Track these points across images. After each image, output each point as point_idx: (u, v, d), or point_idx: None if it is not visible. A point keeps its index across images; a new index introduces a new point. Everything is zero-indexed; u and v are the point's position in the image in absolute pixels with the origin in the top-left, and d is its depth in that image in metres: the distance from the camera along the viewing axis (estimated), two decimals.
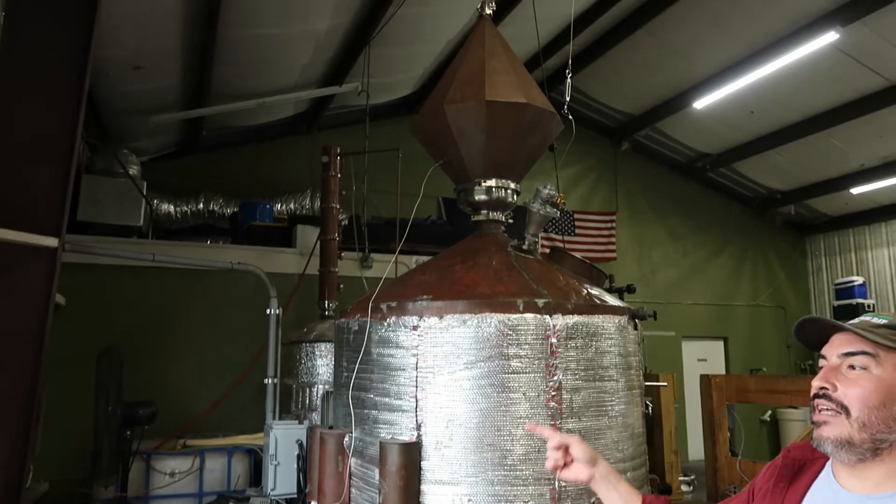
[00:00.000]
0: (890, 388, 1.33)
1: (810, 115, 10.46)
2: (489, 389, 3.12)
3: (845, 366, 1.38)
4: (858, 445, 1.31)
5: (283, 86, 8.84)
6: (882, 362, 1.35)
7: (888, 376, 1.33)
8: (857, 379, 1.35)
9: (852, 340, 1.39)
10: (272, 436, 4.42)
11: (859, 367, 1.36)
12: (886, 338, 1.36)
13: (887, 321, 1.41)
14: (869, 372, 1.35)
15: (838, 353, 1.41)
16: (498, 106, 3.76)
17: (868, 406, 1.32)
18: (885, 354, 1.35)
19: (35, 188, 3.92)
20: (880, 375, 1.34)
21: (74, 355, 6.95)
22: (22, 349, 3.77)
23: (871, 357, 1.35)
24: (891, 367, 1.34)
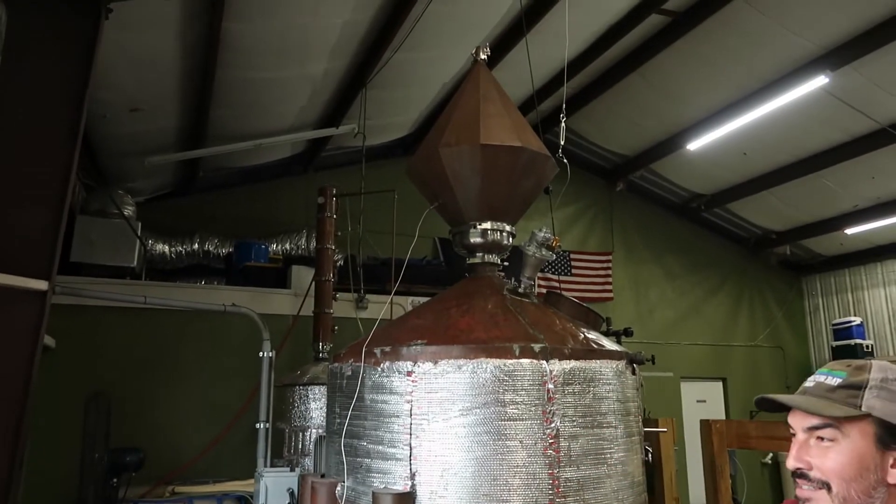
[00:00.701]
0: (862, 456, 1.30)
1: (803, 156, 10.57)
2: (485, 437, 3.05)
3: (813, 439, 1.35)
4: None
5: (280, 128, 8.91)
6: (847, 431, 1.31)
7: (857, 444, 1.30)
8: (828, 452, 1.32)
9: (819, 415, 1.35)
10: (262, 484, 4.30)
11: (828, 440, 1.33)
12: (844, 402, 1.33)
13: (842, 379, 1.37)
14: (838, 443, 1.31)
15: (803, 427, 1.38)
16: (493, 149, 3.77)
17: (845, 480, 1.29)
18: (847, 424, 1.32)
19: (26, 231, 3.89)
20: (849, 446, 1.31)
21: (62, 398, 6.82)
22: (7, 394, 3.69)
23: (836, 428, 1.32)
24: (857, 433, 1.31)
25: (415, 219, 3.90)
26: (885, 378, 1.36)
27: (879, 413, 1.31)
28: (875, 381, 1.35)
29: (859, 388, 1.35)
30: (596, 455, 3.13)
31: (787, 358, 13.72)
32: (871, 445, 1.31)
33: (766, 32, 8.25)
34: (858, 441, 1.31)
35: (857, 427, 1.32)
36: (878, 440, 1.31)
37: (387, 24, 7.08)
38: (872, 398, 1.33)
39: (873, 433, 1.31)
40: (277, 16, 6.35)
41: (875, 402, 1.32)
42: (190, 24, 6.09)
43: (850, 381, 1.37)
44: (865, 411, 1.31)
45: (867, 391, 1.34)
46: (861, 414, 1.31)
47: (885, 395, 1.33)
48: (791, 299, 14.24)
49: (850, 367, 1.41)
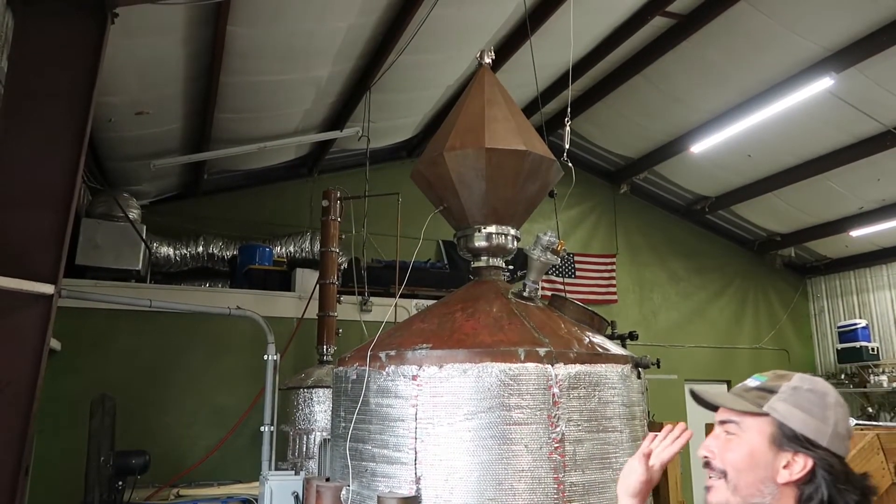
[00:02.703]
0: (754, 452, 1.41)
1: (807, 158, 10.54)
2: (490, 441, 3.05)
3: (723, 432, 1.48)
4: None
5: (285, 130, 8.92)
6: (745, 428, 1.44)
7: (753, 440, 1.42)
8: (729, 443, 1.45)
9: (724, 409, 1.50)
10: (267, 487, 4.31)
11: (731, 433, 1.46)
12: (752, 401, 1.45)
13: (761, 382, 1.49)
14: (738, 437, 1.44)
15: (717, 419, 1.52)
16: (498, 153, 3.78)
17: (737, 470, 1.42)
18: (748, 420, 1.44)
19: (33, 234, 3.91)
20: (746, 440, 1.43)
21: (67, 401, 6.85)
22: (13, 398, 3.70)
23: (738, 423, 1.45)
24: (754, 431, 1.43)
25: (419, 222, 3.91)
26: (797, 387, 1.46)
27: (779, 416, 1.42)
28: (787, 388, 1.46)
29: (771, 392, 1.46)
30: (601, 459, 3.12)
31: (792, 360, 13.67)
32: (765, 444, 1.41)
33: (771, 35, 8.24)
34: (755, 437, 1.42)
35: (757, 425, 1.43)
36: (773, 440, 1.41)
37: (391, 28, 7.09)
38: (778, 401, 1.44)
39: (769, 433, 1.42)
40: (282, 20, 6.36)
41: (779, 405, 1.43)
42: (195, 29, 6.11)
43: (766, 385, 1.49)
44: (765, 411, 1.43)
45: (776, 395, 1.45)
46: (760, 412, 1.43)
47: (790, 401, 1.43)
48: (796, 302, 14.19)
49: (774, 374, 1.52)
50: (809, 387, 1.47)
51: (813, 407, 1.43)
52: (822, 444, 1.40)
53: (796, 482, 1.39)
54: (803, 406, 1.43)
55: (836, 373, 13.36)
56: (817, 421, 1.42)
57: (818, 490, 1.37)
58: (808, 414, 1.42)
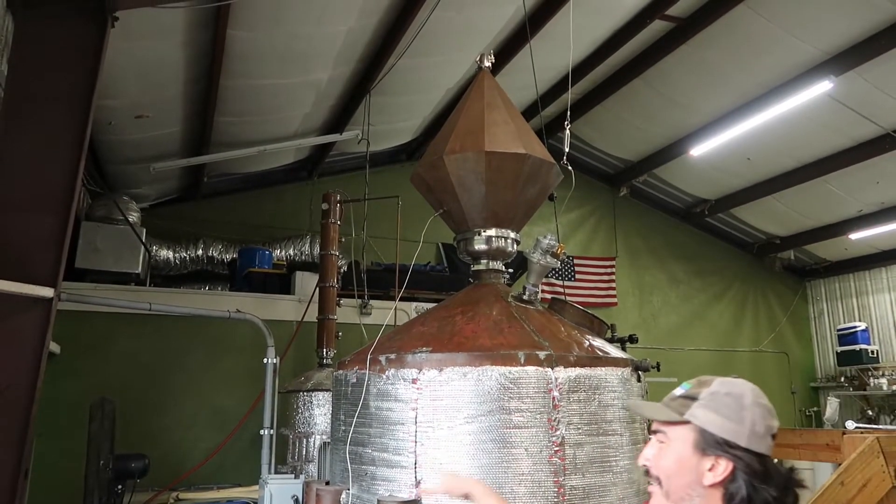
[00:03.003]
0: (681, 457, 1.49)
1: (807, 161, 10.55)
2: (490, 445, 3.04)
3: (657, 441, 1.56)
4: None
5: (284, 134, 8.93)
6: (672, 436, 1.52)
7: (678, 447, 1.50)
8: (661, 451, 1.53)
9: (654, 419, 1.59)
10: (267, 491, 4.30)
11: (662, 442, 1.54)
12: (676, 410, 1.53)
13: (685, 391, 1.56)
14: (667, 444, 1.52)
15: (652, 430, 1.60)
16: (497, 156, 3.78)
17: (668, 476, 1.50)
18: (673, 429, 1.52)
19: (33, 238, 3.90)
20: (673, 447, 1.51)
21: (67, 404, 6.84)
22: (13, 402, 3.70)
23: (665, 434, 1.53)
24: (679, 439, 1.51)
25: (419, 225, 3.91)
26: (715, 392, 1.53)
27: (700, 422, 1.49)
28: (706, 394, 1.53)
29: (693, 399, 1.53)
30: (601, 463, 3.12)
31: (792, 363, 13.67)
32: (689, 450, 1.49)
33: (770, 38, 8.25)
34: (679, 444, 1.50)
35: (681, 432, 1.51)
36: (696, 445, 1.48)
37: (391, 31, 7.10)
38: (698, 408, 1.50)
39: (693, 439, 1.49)
40: (282, 24, 6.37)
41: (699, 411, 1.50)
42: (195, 32, 6.12)
43: (689, 392, 1.55)
44: (687, 418, 1.50)
45: (697, 402, 1.52)
46: (682, 420, 1.50)
47: (709, 407, 1.50)
48: (795, 305, 14.19)
49: (698, 381, 1.59)
50: (727, 391, 1.54)
51: (730, 410, 1.50)
52: (741, 444, 1.47)
53: (722, 482, 1.46)
54: (721, 410, 1.50)
55: (835, 376, 13.36)
56: (734, 423, 1.48)
57: (739, 489, 1.45)
58: (725, 418, 1.49)
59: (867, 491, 2.29)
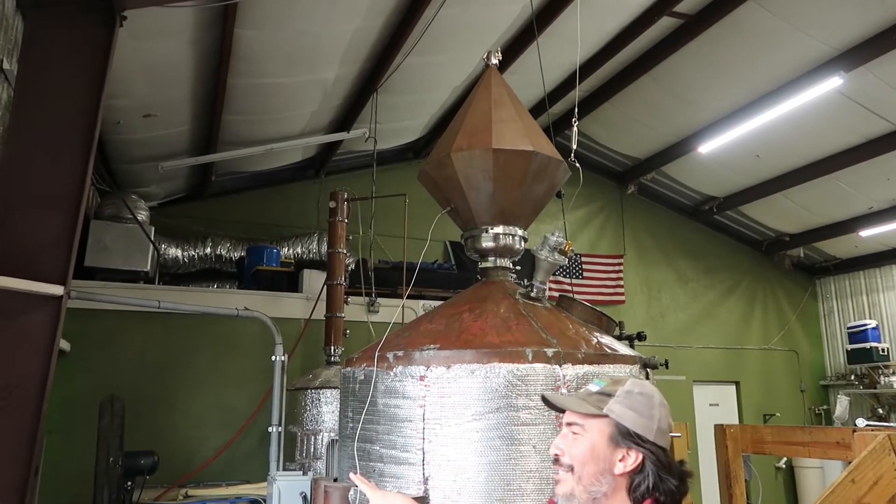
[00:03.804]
0: (595, 447, 1.64)
1: (816, 158, 10.48)
2: (498, 442, 3.05)
3: (570, 432, 1.70)
4: (578, 497, 1.63)
5: (292, 132, 8.95)
6: (588, 428, 1.66)
7: (594, 438, 1.65)
8: (575, 441, 1.67)
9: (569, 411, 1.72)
10: (276, 488, 4.31)
11: (576, 434, 1.68)
12: (594, 404, 1.67)
13: (601, 388, 1.73)
14: (582, 436, 1.66)
15: (564, 421, 1.74)
16: (505, 154, 3.77)
17: (581, 463, 1.63)
18: (591, 421, 1.66)
19: (42, 236, 3.92)
20: (589, 438, 1.65)
21: (77, 402, 6.88)
22: (23, 399, 3.72)
23: (581, 426, 1.67)
24: (596, 431, 1.65)
25: (426, 223, 3.91)
26: (629, 391, 1.70)
27: (616, 416, 1.65)
28: (622, 392, 1.69)
29: (609, 396, 1.69)
30: None
31: (802, 361, 13.60)
32: (604, 441, 1.64)
33: (779, 34, 8.20)
34: (596, 436, 1.65)
35: (597, 425, 1.66)
36: (611, 438, 1.64)
37: (398, 29, 7.09)
38: (615, 404, 1.66)
39: (608, 432, 1.64)
40: (289, 23, 6.38)
41: (616, 406, 1.66)
42: (203, 32, 6.14)
43: (605, 389, 1.72)
44: (605, 412, 1.65)
45: (613, 398, 1.68)
46: (600, 413, 1.66)
47: (625, 403, 1.66)
48: (805, 302, 14.11)
49: (611, 380, 1.77)
50: (640, 390, 1.71)
51: (642, 408, 1.67)
52: (649, 438, 1.64)
53: (629, 473, 1.62)
54: (635, 407, 1.66)
55: (845, 374, 13.28)
56: (646, 419, 1.66)
57: (646, 478, 1.60)
58: (638, 414, 1.65)
59: (878, 488, 2.28)
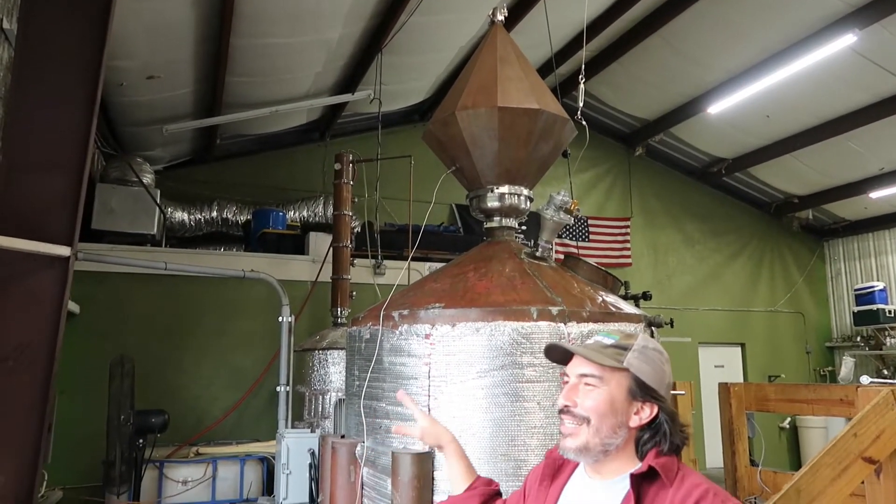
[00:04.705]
0: (614, 400, 1.64)
1: (828, 118, 10.33)
2: (503, 399, 3.07)
3: (582, 383, 1.68)
4: (592, 450, 1.64)
5: (296, 94, 8.87)
6: (608, 379, 1.66)
7: (613, 390, 1.65)
8: (590, 393, 1.66)
9: (585, 363, 1.70)
10: (284, 444, 4.38)
11: (592, 385, 1.66)
12: (612, 357, 1.67)
13: (614, 341, 1.73)
14: (599, 388, 1.65)
15: (576, 373, 1.71)
16: (510, 112, 3.73)
17: (600, 416, 1.63)
18: (610, 373, 1.66)
19: (47, 197, 3.93)
20: (607, 390, 1.65)
21: (88, 363, 6.98)
22: (35, 358, 3.77)
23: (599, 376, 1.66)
24: (615, 382, 1.66)
25: (432, 186, 3.89)
26: (644, 346, 1.72)
27: (635, 370, 1.66)
28: (638, 346, 1.71)
29: (625, 349, 1.70)
30: None
31: (808, 323, 13.62)
32: (623, 394, 1.65)
33: None
34: (614, 388, 1.65)
35: (616, 378, 1.66)
36: (629, 391, 1.65)
37: None
38: (633, 357, 1.68)
39: (627, 385, 1.66)
40: None
41: (634, 360, 1.67)
42: None
43: (619, 343, 1.72)
44: (625, 366, 1.66)
45: (630, 352, 1.69)
46: (621, 367, 1.66)
47: (641, 358, 1.68)
48: (812, 264, 14.07)
49: (623, 334, 1.79)
50: (654, 346, 1.74)
51: (655, 363, 1.70)
52: (661, 393, 1.68)
53: (640, 426, 1.65)
54: (650, 362, 1.69)
55: (851, 335, 13.31)
56: (659, 375, 1.69)
57: (660, 430, 1.64)
58: (653, 369, 1.69)
59: (880, 442, 2.29)
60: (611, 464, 1.66)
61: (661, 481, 1.57)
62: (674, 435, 1.65)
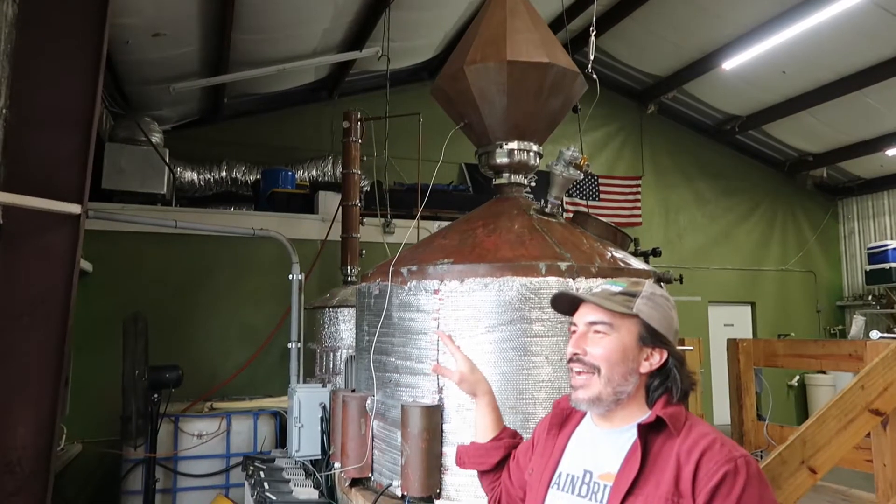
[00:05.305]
0: (625, 347, 1.64)
1: (845, 73, 10.11)
2: (511, 353, 3.10)
3: (591, 332, 1.68)
4: (605, 399, 1.64)
5: (303, 52, 8.76)
6: (618, 326, 1.66)
7: (624, 337, 1.65)
8: (600, 341, 1.66)
9: (595, 310, 1.69)
10: (296, 399, 4.45)
11: (602, 333, 1.66)
12: (621, 304, 1.67)
13: (622, 288, 1.73)
14: (609, 335, 1.65)
15: (585, 321, 1.70)
16: (520, 66, 3.67)
17: (611, 364, 1.63)
18: (620, 320, 1.66)
19: (57, 156, 3.94)
20: (618, 338, 1.65)
21: (102, 321, 7.08)
22: (49, 313, 3.83)
23: (609, 324, 1.66)
24: (625, 329, 1.66)
25: (441, 145, 3.85)
26: (653, 293, 1.72)
27: (645, 316, 1.66)
28: (646, 292, 1.71)
29: (634, 296, 1.70)
30: None
31: (819, 282, 13.57)
32: (633, 340, 1.65)
33: None
34: (625, 335, 1.65)
35: (626, 324, 1.66)
36: (640, 338, 1.66)
37: None
38: (642, 304, 1.68)
39: (637, 331, 1.66)
40: None
41: (643, 307, 1.67)
42: None
43: (627, 290, 1.72)
44: (635, 312, 1.66)
45: (639, 299, 1.69)
46: (631, 313, 1.66)
47: (650, 304, 1.68)
48: (825, 223, 13.95)
49: (630, 281, 1.79)
50: (661, 293, 1.75)
51: (664, 310, 1.71)
52: (670, 339, 1.69)
53: (649, 373, 1.66)
54: (659, 308, 1.70)
55: (863, 294, 13.26)
56: (668, 321, 1.70)
57: (670, 375, 1.66)
58: (661, 315, 1.69)
59: (888, 395, 2.30)
60: (620, 412, 1.66)
61: (669, 431, 1.57)
62: (683, 379, 1.66)
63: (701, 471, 1.47)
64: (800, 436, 2.16)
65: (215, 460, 6.66)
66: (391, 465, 3.32)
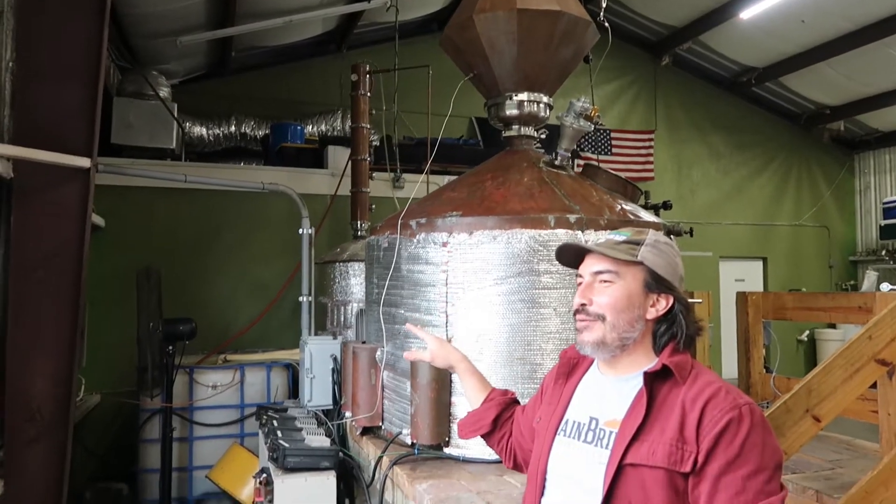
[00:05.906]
0: (631, 294, 1.67)
1: (867, 23, 9.81)
2: (519, 305, 3.12)
3: (597, 281, 1.70)
4: (610, 344, 1.65)
5: (311, 2, 8.60)
6: (623, 274, 1.68)
7: (629, 285, 1.67)
8: (606, 290, 1.68)
9: (600, 260, 1.71)
10: (307, 351, 4.52)
11: (608, 282, 1.68)
12: (626, 252, 1.69)
13: (626, 237, 1.74)
14: (615, 283, 1.67)
15: (590, 271, 1.72)
16: (530, 15, 3.60)
17: (617, 311, 1.65)
18: (625, 268, 1.68)
19: (64, 109, 3.93)
20: (623, 285, 1.67)
21: (115, 275, 7.16)
22: (63, 267, 3.88)
23: (615, 272, 1.68)
24: (630, 276, 1.68)
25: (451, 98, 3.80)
26: (656, 240, 1.74)
27: (650, 263, 1.68)
28: (650, 241, 1.73)
29: (638, 244, 1.71)
30: None
31: (833, 237, 13.46)
32: (639, 287, 1.67)
33: None
34: (631, 283, 1.67)
35: (631, 272, 1.68)
36: (645, 284, 1.68)
37: None
38: (646, 251, 1.69)
39: (642, 278, 1.68)
40: None
41: (647, 254, 1.69)
42: None
43: (631, 238, 1.74)
44: (640, 259, 1.68)
45: (643, 247, 1.70)
46: (636, 261, 1.68)
47: (654, 251, 1.70)
48: (841, 178, 13.75)
49: (633, 230, 1.80)
50: (665, 240, 1.77)
51: (668, 257, 1.72)
52: (675, 285, 1.71)
53: (656, 318, 1.68)
54: (663, 255, 1.71)
55: (877, 249, 13.15)
56: (672, 267, 1.72)
57: (676, 320, 1.68)
58: (666, 261, 1.71)
59: (895, 345, 2.30)
60: (626, 359, 1.68)
61: (675, 379, 1.58)
62: (689, 325, 1.69)
63: (705, 417, 1.49)
64: (805, 384, 2.17)
65: (230, 410, 6.81)
66: (401, 415, 3.38)
